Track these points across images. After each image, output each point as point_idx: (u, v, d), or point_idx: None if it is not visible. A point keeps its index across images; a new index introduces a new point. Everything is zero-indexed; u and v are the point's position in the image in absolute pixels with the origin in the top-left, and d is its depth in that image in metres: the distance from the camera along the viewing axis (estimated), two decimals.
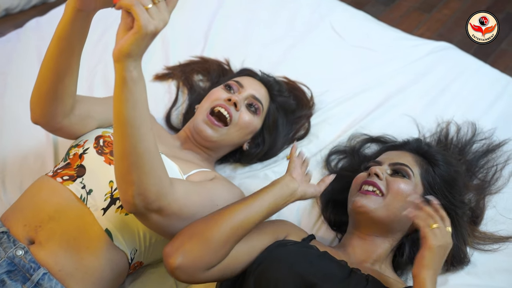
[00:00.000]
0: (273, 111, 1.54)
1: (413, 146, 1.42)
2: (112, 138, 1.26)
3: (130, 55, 0.87)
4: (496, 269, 1.35)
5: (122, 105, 0.92)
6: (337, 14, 1.97)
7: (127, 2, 0.85)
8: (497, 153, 1.55)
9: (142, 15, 0.84)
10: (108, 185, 1.18)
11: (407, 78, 1.77)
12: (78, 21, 1.04)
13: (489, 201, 1.47)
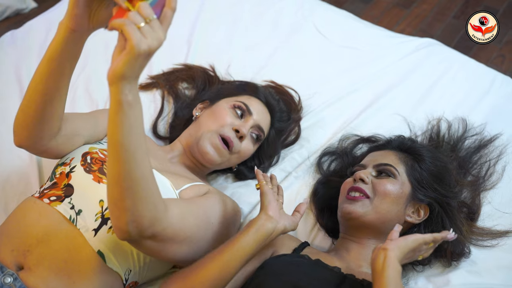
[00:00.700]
0: (272, 137, 1.52)
1: (395, 143, 1.41)
2: (99, 154, 1.22)
3: (124, 77, 0.83)
4: (496, 266, 1.34)
5: (117, 129, 0.88)
6: (320, 14, 1.95)
7: (118, 22, 0.81)
8: (489, 149, 1.55)
9: (134, 34, 0.80)
10: (98, 205, 1.13)
11: (394, 77, 1.75)
12: (71, 42, 0.99)
13: (485, 197, 1.46)
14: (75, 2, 0.94)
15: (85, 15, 0.95)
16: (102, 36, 1.77)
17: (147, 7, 0.83)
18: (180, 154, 1.42)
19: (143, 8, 0.82)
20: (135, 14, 0.82)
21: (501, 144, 1.55)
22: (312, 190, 1.50)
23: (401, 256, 1.07)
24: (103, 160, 1.21)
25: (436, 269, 1.34)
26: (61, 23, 0.98)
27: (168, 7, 0.84)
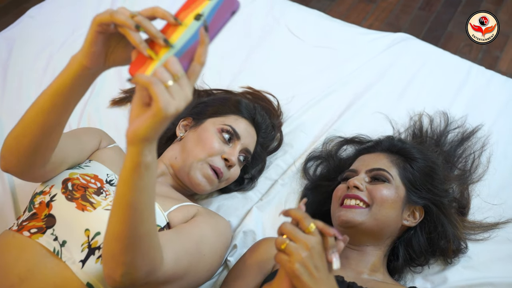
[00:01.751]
0: (258, 152, 1.48)
1: (385, 145, 1.38)
2: (81, 180, 1.15)
3: (146, 139, 0.76)
4: (491, 259, 1.34)
5: (129, 190, 0.81)
6: (292, 15, 1.92)
7: (144, 79, 0.73)
8: (472, 141, 1.54)
9: (162, 96, 0.72)
10: (84, 234, 1.07)
11: (372, 74, 1.73)
12: (82, 79, 0.91)
13: (473, 190, 1.45)
14: (93, 40, 0.84)
15: (102, 53, 0.87)
16: (68, 53, 1.73)
17: (176, 63, 0.75)
18: (164, 174, 1.36)
19: (172, 63, 0.75)
20: (163, 71, 0.74)
21: (483, 135, 1.55)
22: (301, 197, 1.47)
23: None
24: (85, 186, 1.14)
25: (433, 268, 1.33)
26: (74, 58, 0.90)
27: (198, 62, 0.77)
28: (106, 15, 0.81)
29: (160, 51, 0.78)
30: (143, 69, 0.78)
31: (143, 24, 0.79)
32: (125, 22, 0.79)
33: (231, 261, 1.34)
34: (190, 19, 0.80)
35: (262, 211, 1.45)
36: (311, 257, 0.88)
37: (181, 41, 0.79)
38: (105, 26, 0.82)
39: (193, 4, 0.81)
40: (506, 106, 1.64)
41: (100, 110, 1.60)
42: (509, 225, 1.38)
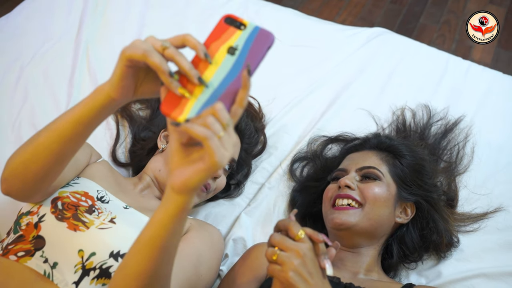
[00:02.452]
0: (243, 158, 1.46)
1: (373, 143, 1.37)
2: (71, 198, 1.11)
3: (195, 189, 0.73)
4: (482, 249, 1.34)
5: (166, 233, 0.78)
6: (266, 15, 1.89)
7: (199, 132, 0.69)
8: (455, 132, 1.55)
9: (218, 150, 0.69)
10: (77, 255, 1.03)
11: (351, 71, 1.73)
12: (107, 110, 0.87)
13: (460, 182, 1.46)
14: (123, 75, 0.79)
15: (131, 86, 0.81)
16: (39, 65, 1.68)
17: (224, 111, 0.71)
18: (150, 186, 1.33)
19: (221, 112, 0.70)
20: (214, 122, 0.70)
21: (466, 126, 1.56)
22: (289, 200, 1.45)
23: None
24: (76, 204, 1.10)
25: (426, 263, 1.33)
26: (101, 89, 0.85)
27: (240, 106, 0.73)
28: (138, 53, 0.75)
29: (195, 89, 0.74)
30: (179, 110, 0.73)
31: (176, 59, 0.74)
32: (159, 67, 0.74)
33: (223, 270, 1.32)
34: (223, 53, 0.75)
35: (251, 216, 1.42)
36: (304, 264, 0.86)
37: (217, 79, 0.74)
38: (135, 62, 0.77)
39: (223, 34, 0.76)
40: (485, 95, 1.65)
41: None
42: (497, 214, 1.39)
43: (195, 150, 0.73)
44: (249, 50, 0.74)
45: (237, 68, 0.74)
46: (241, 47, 0.75)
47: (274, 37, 0.75)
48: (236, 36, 0.75)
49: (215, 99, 0.73)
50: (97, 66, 1.68)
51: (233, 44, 0.75)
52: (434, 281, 1.29)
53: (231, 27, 0.76)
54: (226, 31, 0.76)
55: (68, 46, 1.73)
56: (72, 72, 1.66)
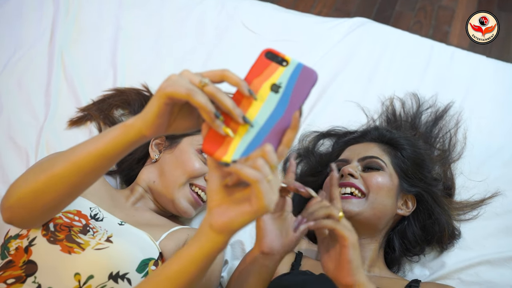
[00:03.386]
0: None
1: (374, 135, 1.35)
2: (64, 218, 1.04)
3: (237, 231, 0.70)
4: (483, 236, 1.33)
5: (196, 269, 0.74)
6: (245, 10, 1.85)
7: (250, 175, 0.65)
8: (446, 119, 1.53)
9: (267, 194, 0.66)
10: (74, 279, 0.96)
11: (336, 63, 1.69)
12: (135, 145, 0.81)
13: (455, 169, 1.44)
14: (160, 113, 0.74)
15: (165, 123, 0.76)
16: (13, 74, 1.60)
17: (273, 153, 0.67)
18: (143, 198, 1.28)
19: (270, 154, 0.67)
20: (264, 165, 0.66)
21: (456, 112, 1.55)
22: None
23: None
24: (69, 225, 1.04)
25: (429, 255, 1.31)
26: (131, 126, 0.78)
27: (287, 146, 0.70)
28: (182, 92, 0.70)
29: (239, 128, 0.70)
30: (223, 149, 0.70)
31: (218, 97, 0.70)
32: (205, 108, 0.69)
33: (224, 276, 1.27)
34: (266, 91, 0.71)
35: None
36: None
37: (261, 118, 0.71)
38: (176, 101, 0.72)
39: (265, 70, 0.72)
40: (472, 80, 1.63)
41: (58, 134, 1.48)
42: (495, 200, 1.38)
43: (237, 189, 0.70)
44: (294, 88, 0.72)
45: (282, 106, 0.71)
46: (285, 84, 0.72)
47: (317, 75, 0.73)
48: (279, 72, 0.72)
49: (260, 139, 0.70)
50: (74, 72, 1.61)
51: (276, 81, 0.72)
52: (439, 271, 1.27)
53: (273, 63, 0.73)
54: (268, 67, 0.73)
55: (41, 53, 1.66)
56: (48, 79, 1.58)
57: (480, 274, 1.26)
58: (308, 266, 1.20)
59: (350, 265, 0.87)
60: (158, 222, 1.22)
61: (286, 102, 0.71)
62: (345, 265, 0.87)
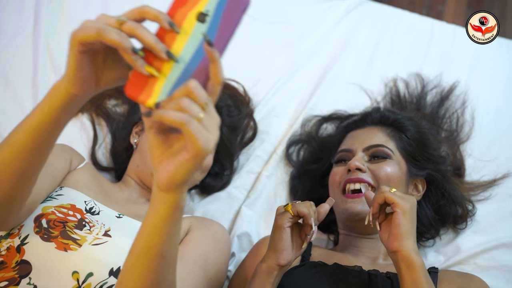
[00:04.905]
0: (226, 134, 1.34)
1: (375, 117, 1.28)
2: (57, 213, 0.97)
3: (185, 183, 0.64)
4: (497, 219, 1.29)
5: (161, 239, 0.68)
6: None
7: (174, 118, 0.59)
8: (452, 99, 1.49)
9: (200, 134, 0.60)
10: (72, 278, 0.90)
11: (335, 45, 1.63)
12: (69, 109, 0.73)
13: (464, 150, 1.40)
14: (78, 64, 0.67)
15: (91, 75, 0.69)
16: None
17: (200, 89, 0.61)
18: (136, 190, 1.21)
19: (196, 91, 0.60)
20: (191, 104, 0.60)
21: (462, 92, 1.50)
22: (290, 188, 1.36)
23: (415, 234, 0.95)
24: (63, 220, 0.96)
25: (443, 240, 1.27)
26: (57, 87, 0.71)
27: (216, 81, 0.63)
28: (91, 32, 0.63)
29: (163, 66, 0.63)
30: (148, 91, 0.62)
31: (138, 33, 0.63)
32: (119, 43, 0.62)
33: (231, 270, 1.22)
34: (192, 21, 0.64)
35: (252, 209, 1.32)
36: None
37: (188, 52, 0.64)
38: (90, 45, 0.65)
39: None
40: (476, 58, 1.59)
41: None
42: (507, 180, 1.34)
43: (175, 139, 0.63)
44: (222, 16, 0.64)
45: (210, 37, 0.63)
46: (213, 12, 0.64)
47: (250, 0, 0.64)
48: (205, 0, 0.64)
49: (187, 76, 0.63)
50: (62, 62, 1.51)
51: (202, 9, 0.64)
52: (454, 257, 1.23)
53: None
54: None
55: (25, 43, 1.56)
56: (35, 71, 1.49)
57: (497, 258, 1.22)
58: (319, 255, 1.15)
59: (399, 229, 0.91)
60: None
61: (215, 32, 0.64)
62: (394, 229, 0.91)
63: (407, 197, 0.95)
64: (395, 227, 0.91)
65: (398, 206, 0.92)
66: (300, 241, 0.97)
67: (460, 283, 1.05)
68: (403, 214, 0.91)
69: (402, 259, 0.90)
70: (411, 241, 0.91)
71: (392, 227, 0.92)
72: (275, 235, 0.96)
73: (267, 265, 0.95)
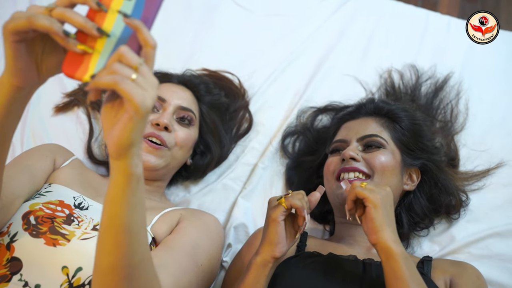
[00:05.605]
0: (206, 112, 1.34)
1: (370, 108, 1.29)
2: (45, 210, 0.97)
3: (132, 145, 0.65)
4: (490, 208, 1.30)
5: (121, 210, 0.69)
6: None
7: (106, 81, 0.62)
8: (446, 90, 1.49)
9: (134, 91, 0.62)
10: (62, 273, 0.90)
11: (330, 37, 1.64)
12: (17, 102, 0.74)
13: (458, 141, 1.41)
14: (15, 54, 0.69)
15: (31, 65, 0.71)
16: None
17: (129, 51, 0.64)
18: None
19: (125, 54, 0.64)
20: (121, 66, 0.63)
21: (456, 83, 1.51)
22: (286, 179, 1.37)
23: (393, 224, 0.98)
24: (51, 216, 0.97)
25: (438, 229, 1.28)
26: (0, 82, 0.72)
27: (147, 46, 0.66)
28: (22, 20, 0.66)
29: (96, 43, 0.68)
30: (83, 69, 0.66)
31: (67, 16, 0.66)
32: (50, 28, 0.66)
33: (228, 261, 1.23)
34: (120, 0, 0.69)
35: (248, 200, 1.33)
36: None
37: (119, 28, 0.68)
38: (23, 34, 0.67)
39: None
40: (470, 49, 1.59)
41: (44, 121, 1.40)
42: (501, 170, 1.35)
43: (120, 107, 0.66)
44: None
45: (138, 10, 0.68)
46: None
47: None
48: None
49: None
50: None
51: None
52: (448, 246, 1.24)
53: None
54: None
55: None
56: None
57: (490, 247, 1.23)
58: (314, 245, 1.16)
59: (373, 223, 0.94)
60: (148, 206, 1.14)
61: (142, 5, 0.69)
62: (369, 224, 0.94)
63: (379, 189, 0.98)
64: (369, 222, 0.94)
65: (368, 201, 0.95)
66: (294, 231, 0.98)
67: (453, 271, 1.06)
68: (374, 207, 0.94)
69: (381, 250, 0.93)
70: (387, 232, 0.94)
71: (367, 222, 0.95)
72: (269, 229, 0.96)
73: (261, 258, 0.96)
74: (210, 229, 1.12)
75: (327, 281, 1.01)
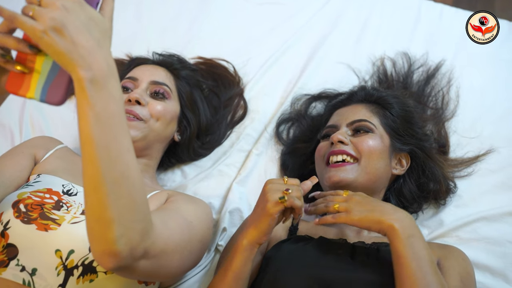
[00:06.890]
0: (183, 87, 1.35)
1: (361, 95, 1.32)
2: (33, 197, 1.00)
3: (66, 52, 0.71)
4: (479, 193, 1.33)
5: (83, 121, 0.73)
6: None
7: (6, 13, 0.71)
8: (437, 77, 1.52)
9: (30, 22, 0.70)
10: (56, 256, 0.93)
11: (324, 25, 1.66)
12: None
13: (449, 127, 1.44)
14: None
15: None
16: None
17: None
18: None
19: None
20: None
21: (447, 70, 1.53)
22: (281, 164, 1.40)
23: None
24: (40, 203, 0.99)
25: (427, 213, 1.31)
26: None
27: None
28: None
29: (36, 63, 0.75)
30: (26, 86, 0.74)
31: (2, 41, 0.74)
32: None
33: (222, 245, 1.26)
34: None
35: (243, 186, 1.36)
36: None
37: None
38: None
39: None
40: (462, 37, 1.60)
41: (42, 109, 1.43)
42: (489, 157, 1.38)
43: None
44: None
45: None
46: None
47: None
48: None
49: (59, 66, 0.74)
50: None
51: None
52: (437, 230, 1.28)
53: None
54: None
55: None
56: None
57: (478, 230, 1.26)
58: (306, 229, 1.20)
59: (360, 224, 1.04)
60: None
61: None
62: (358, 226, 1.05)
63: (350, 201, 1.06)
64: (357, 225, 1.04)
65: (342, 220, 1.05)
66: (282, 217, 1.01)
67: (440, 253, 1.10)
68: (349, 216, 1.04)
69: (387, 233, 1.01)
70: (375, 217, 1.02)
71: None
72: (263, 219, 0.98)
73: (248, 242, 0.99)
74: (199, 206, 1.13)
75: (318, 264, 1.05)
